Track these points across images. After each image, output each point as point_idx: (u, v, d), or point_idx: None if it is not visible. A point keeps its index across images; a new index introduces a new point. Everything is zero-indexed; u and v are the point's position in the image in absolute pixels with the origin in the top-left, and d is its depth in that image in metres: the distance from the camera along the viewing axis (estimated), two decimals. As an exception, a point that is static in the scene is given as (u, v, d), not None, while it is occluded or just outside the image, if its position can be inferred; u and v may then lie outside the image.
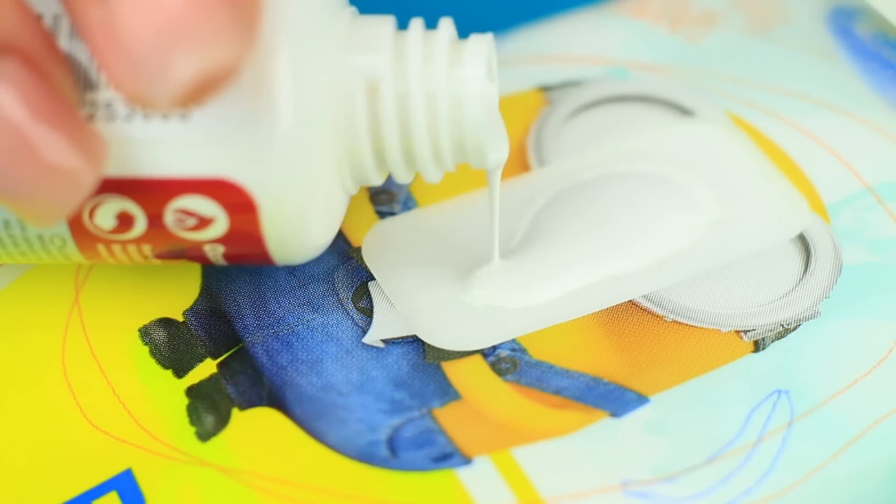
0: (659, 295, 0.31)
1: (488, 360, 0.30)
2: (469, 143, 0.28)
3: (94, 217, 0.28)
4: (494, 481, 0.28)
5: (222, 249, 0.29)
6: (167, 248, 0.29)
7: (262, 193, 0.27)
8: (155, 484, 0.28)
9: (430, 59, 0.28)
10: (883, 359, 0.30)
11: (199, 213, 0.28)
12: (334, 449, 0.29)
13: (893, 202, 0.32)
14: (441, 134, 0.28)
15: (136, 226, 0.28)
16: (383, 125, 0.28)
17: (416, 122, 0.28)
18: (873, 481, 0.28)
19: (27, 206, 0.25)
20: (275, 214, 0.28)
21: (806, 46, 0.36)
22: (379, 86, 0.28)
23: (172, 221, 0.28)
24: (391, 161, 0.28)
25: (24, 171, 0.25)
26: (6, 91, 0.24)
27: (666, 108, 0.35)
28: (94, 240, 0.28)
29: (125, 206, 0.28)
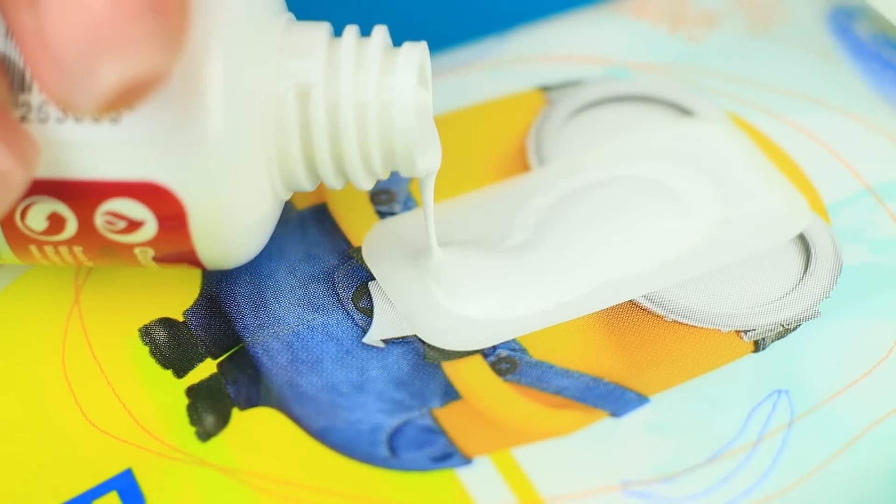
0: (659, 295, 0.31)
1: (488, 360, 0.30)
2: (398, 151, 0.28)
3: (25, 218, 0.28)
4: (494, 481, 0.28)
5: (152, 252, 0.29)
6: (98, 250, 0.29)
7: (190, 197, 0.27)
8: (155, 484, 0.28)
9: (362, 66, 0.28)
10: (883, 359, 0.30)
11: (129, 216, 0.28)
12: (334, 449, 0.29)
13: (893, 202, 0.32)
14: (370, 142, 0.28)
15: (67, 227, 0.28)
16: (313, 132, 0.28)
17: (346, 129, 0.28)
18: (873, 481, 0.28)
19: None
20: (203, 219, 0.28)
21: (806, 46, 0.36)
22: (310, 92, 0.28)
23: (102, 224, 0.28)
24: (321, 168, 0.29)
25: None
26: None
27: (666, 108, 0.35)
28: (27, 241, 0.29)
29: (56, 207, 0.28)
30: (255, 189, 0.28)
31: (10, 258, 0.29)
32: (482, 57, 0.36)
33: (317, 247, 0.32)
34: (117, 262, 0.29)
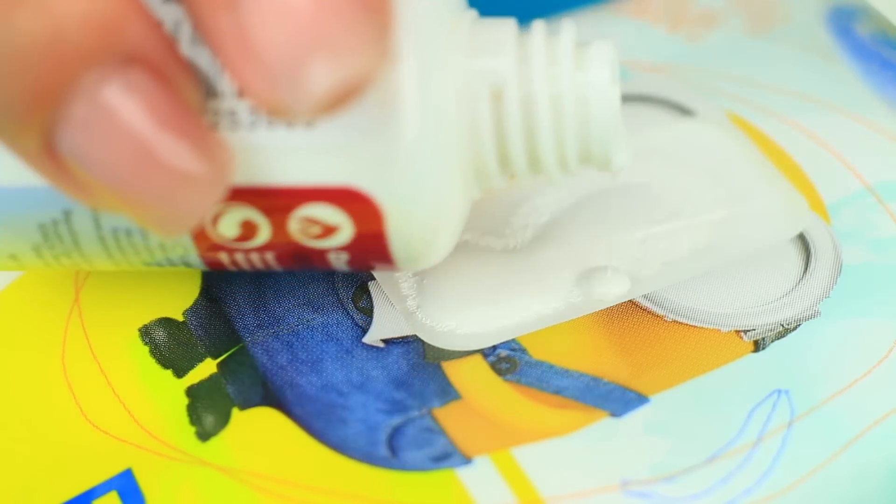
0: (659, 295, 0.31)
1: (488, 360, 0.30)
2: (595, 146, 0.28)
3: (217, 226, 0.27)
4: (494, 481, 0.28)
5: (346, 257, 0.28)
6: (291, 256, 0.28)
7: (388, 201, 0.27)
8: (155, 484, 0.28)
9: (555, 62, 0.27)
10: (883, 359, 0.30)
11: (325, 222, 0.27)
12: (334, 449, 0.29)
13: (893, 202, 0.32)
14: (566, 138, 0.28)
15: (259, 234, 0.27)
16: (508, 129, 0.27)
17: (542, 125, 0.27)
18: (873, 481, 0.28)
19: (153, 217, 0.25)
20: (401, 221, 0.27)
21: (806, 46, 0.36)
22: (503, 90, 0.27)
23: (297, 229, 0.27)
24: (515, 165, 0.28)
25: (152, 181, 0.24)
26: (133, 101, 0.24)
27: (666, 108, 0.35)
28: (217, 248, 0.28)
29: (249, 214, 0.27)
30: (451, 189, 0.27)
31: (197, 263, 0.29)
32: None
33: (317, 247, 0.32)
34: (309, 266, 0.29)
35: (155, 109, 0.24)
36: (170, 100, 0.24)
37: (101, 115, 0.23)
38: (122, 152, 0.24)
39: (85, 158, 0.24)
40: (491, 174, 0.28)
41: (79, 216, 0.27)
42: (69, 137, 0.24)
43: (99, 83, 0.23)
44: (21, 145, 0.24)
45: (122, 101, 0.23)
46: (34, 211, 0.27)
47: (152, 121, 0.24)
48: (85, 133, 0.24)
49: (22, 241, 0.28)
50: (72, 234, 0.28)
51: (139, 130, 0.24)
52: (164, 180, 0.24)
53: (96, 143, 0.24)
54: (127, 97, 0.23)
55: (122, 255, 0.28)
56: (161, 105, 0.24)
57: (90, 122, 0.24)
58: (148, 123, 0.24)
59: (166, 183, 0.24)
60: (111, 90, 0.23)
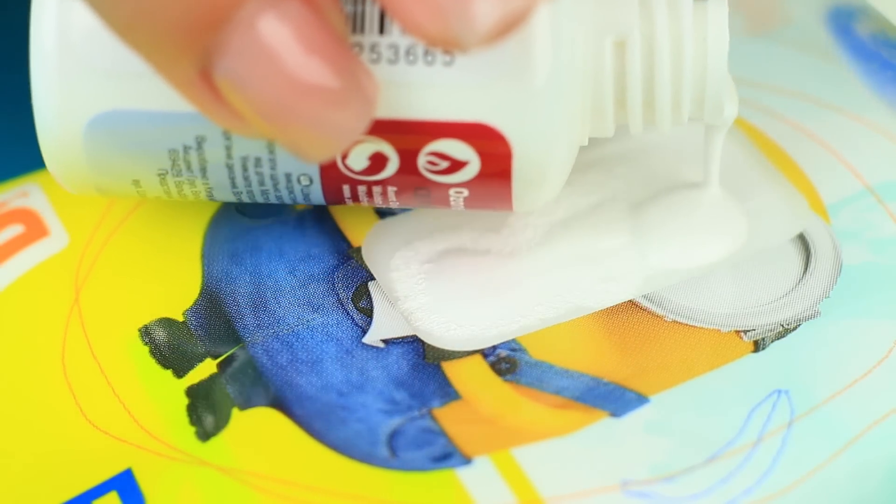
0: (659, 295, 0.31)
1: (488, 360, 0.30)
2: (709, 96, 0.29)
3: (346, 158, 0.29)
4: (494, 481, 0.28)
5: (466, 194, 0.29)
6: (412, 191, 0.29)
7: (517, 139, 0.28)
8: (155, 484, 0.28)
9: (676, 18, 0.29)
10: (883, 359, 0.30)
11: (453, 157, 0.28)
12: (334, 449, 0.29)
13: (893, 202, 0.32)
14: (683, 89, 0.29)
15: (387, 168, 0.29)
16: (629, 79, 0.29)
17: (661, 76, 0.29)
18: (873, 481, 0.28)
19: (302, 143, 0.26)
20: (526, 160, 0.28)
21: (806, 46, 0.36)
22: (626, 40, 0.29)
23: (424, 164, 0.28)
24: (631, 114, 0.29)
25: (304, 105, 0.25)
26: (289, 28, 0.25)
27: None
28: (342, 180, 0.29)
29: (381, 147, 0.28)
30: (572, 133, 0.29)
31: (317, 197, 0.30)
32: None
33: (317, 247, 0.32)
34: (426, 203, 0.30)
35: (308, 38, 0.25)
36: (321, 29, 0.25)
37: (257, 44, 0.25)
38: (277, 79, 0.25)
39: (241, 84, 0.25)
40: (606, 120, 0.30)
41: (211, 143, 0.28)
42: (227, 64, 0.25)
43: (257, 12, 0.24)
44: (176, 70, 0.25)
45: (277, 30, 0.25)
46: (166, 136, 0.28)
47: (306, 48, 0.25)
48: (242, 60, 0.25)
49: (150, 165, 0.29)
50: (201, 161, 0.29)
51: (294, 58, 0.25)
52: (315, 106, 0.25)
53: (253, 69, 0.25)
54: (282, 26, 0.25)
55: (247, 184, 0.29)
56: (314, 34, 0.25)
57: (248, 49, 0.25)
58: (302, 51, 0.25)
59: (318, 108, 0.25)
60: (268, 19, 0.24)
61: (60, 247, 0.33)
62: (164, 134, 0.28)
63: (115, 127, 0.28)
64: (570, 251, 0.32)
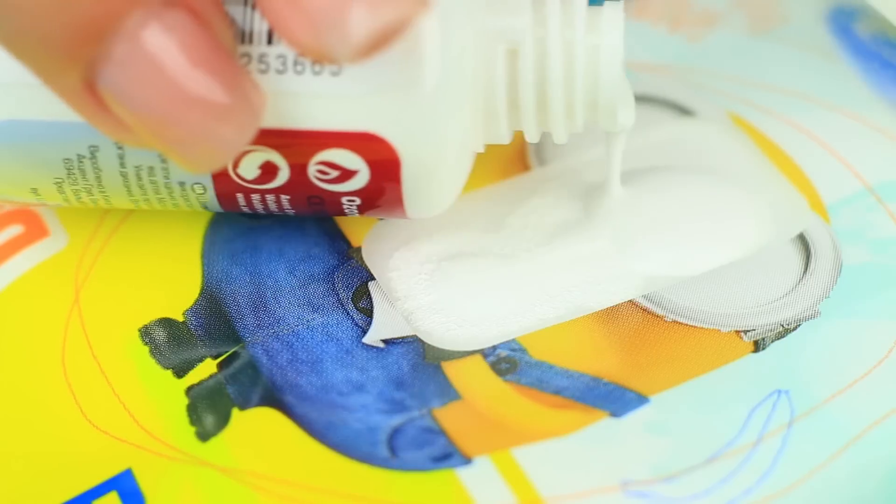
0: (659, 295, 0.31)
1: (488, 360, 0.30)
2: (602, 105, 0.29)
3: (238, 167, 0.29)
4: (494, 481, 0.28)
5: (358, 202, 0.29)
6: (305, 199, 0.29)
7: (404, 147, 0.28)
8: (155, 484, 0.28)
9: (569, 25, 0.29)
10: (883, 359, 0.30)
11: (343, 166, 0.28)
12: (334, 449, 0.29)
13: (893, 202, 0.32)
14: (576, 95, 0.29)
15: (278, 176, 0.29)
16: (521, 87, 0.29)
17: (553, 84, 0.29)
18: (873, 481, 0.28)
19: (188, 154, 0.26)
20: (415, 168, 0.28)
21: (806, 46, 0.36)
22: (518, 48, 0.29)
23: (315, 173, 0.28)
24: (525, 122, 0.29)
25: (189, 117, 0.25)
26: (173, 40, 0.25)
27: (666, 108, 0.35)
28: (235, 188, 0.29)
29: (270, 156, 0.28)
30: (463, 141, 0.29)
31: (212, 204, 0.30)
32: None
33: (317, 247, 0.32)
34: (321, 212, 0.30)
35: (193, 49, 0.25)
36: (207, 40, 0.25)
37: (142, 54, 0.25)
38: (161, 90, 0.25)
39: (125, 95, 0.25)
40: (500, 128, 0.29)
41: (104, 152, 0.28)
42: (110, 75, 0.25)
43: (141, 23, 0.24)
44: (62, 81, 0.25)
45: (161, 41, 0.25)
46: (61, 145, 0.28)
47: (190, 60, 0.25)
48: (126, 71, 0.25)
49: (45, 174, 0.29)
50: (95, 169, 0.29)
51: (178, 69, 0.25)
52: (200, 117, 0.25)
53: (136, 80, 0.25)
54: (167, 37, 0.25)
55: (142, 192, 0.29)
56: (199, 45, 0.25)
57: (131, 60, 0.25)
58: (186, 62, 0.25)
59: (202, 120, 0.25)
60: (152, 29, 0.24)
61: (60, 247, 0.33)
62: (58, 143, 0.28)
63: (10, 137, 0.28)
64: (569, 251, 0.32)
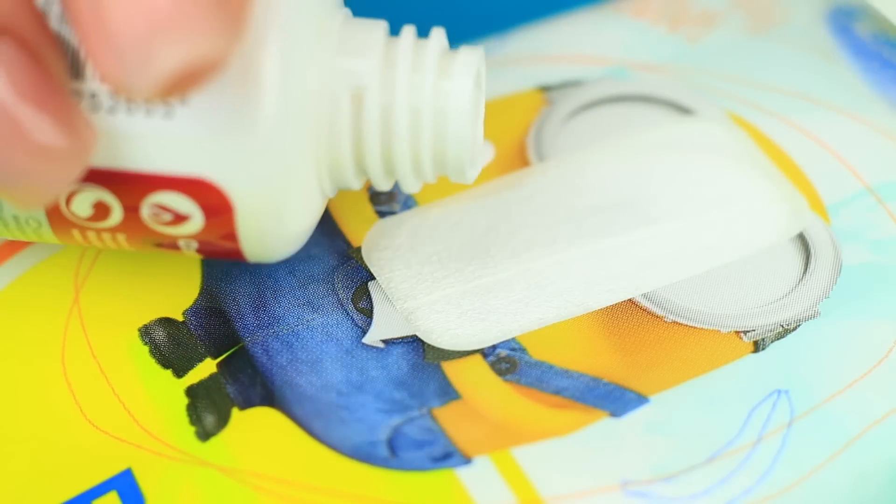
0: (659, 295, 0.31)
1: (488, 360, 0.30)
2: (450, 158, 0.28)
3: (70, 204, 0.28)
4: (494, 481, 0.28)
5: (196, 245, 0.29)
6: (141, 239, 0.29)
7: (238, 195, 0.27)
8: (155, 484, 0.28)
9: (419, 69, 0.28)
10: (883, 359, 0.30)
11: (176, 210, 0.28)
12: (334, 449, 0.29)
13: (893, 202, 0.32)
14: (423, 147, 0.28)
15: (112, 216, 0.28)
16: (365, 133, 0.28)
17: (399, 133, 0.28)
18: (873, 481, 0.28)
19: (12, 190, 0.25)
20: (250, 216, 0.28)
21: (806, 46, 0.36)
22: (364, 92, 0.28)
23: (148, 215, 0.28)
24: (370, 169, 0.28)
25: (13, 152, 0.24)
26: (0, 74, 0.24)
27: (666, 108, 0.35)
28: (70, 225, 0.28)
29: (102, 196, 0.28)
30: (304, 187, 0.28)
31: (51, 238, 0.29)
32: (482, 57, 0.36)
33: (316, 247, 0.32)
34: (160, 250, 0.29)
35: (20, 82, 0.24)
36: (36, 73, 0.24)
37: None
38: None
39: None
40: (347, 175, 0.28)
41: None
42: None
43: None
44: None
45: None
46: None
47: (16, 92, 0.24)
48: None
49: None
50: None
51: (3, 102, 0.24)
52: (24, 153, 0.24)
53: None
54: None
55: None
56: (27, 78, 0.24)
57: None
58: (11, 95, 0.24)
59: (27, 155, 0.24)
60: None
61: (60, 247, 0.33)
62: None
63: None
64: (569, 251, 0.32)
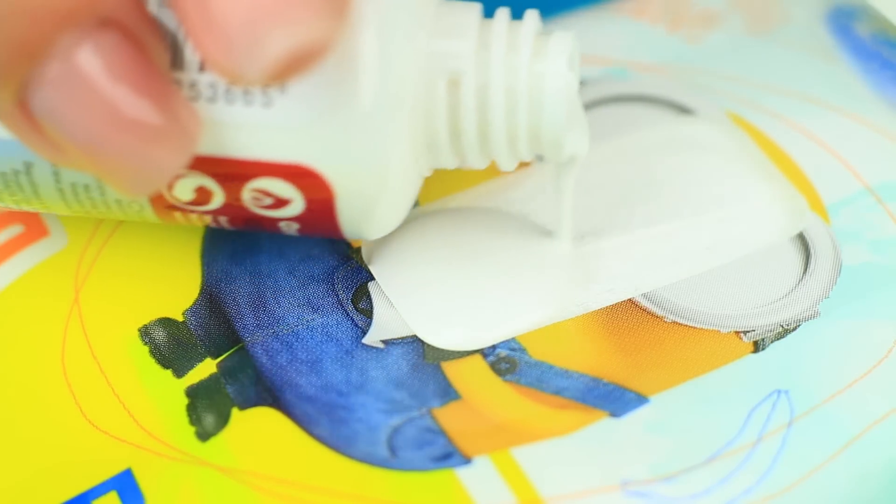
0: (659, 295, 0.31)
1: (488, 360, 0.30)
2: (545, 137, 0.28)
3: (173, 189, 0.28)
4: (494, 481, 0.28)
5: (297, 226, 0.29)
6: (243, 221, 0.29)
7: (338, 179, 0.28)
8: (155, 484, 0.28)
9: (514, 51, 0.28)
10: (883, 359, 0.30)
11: (277, 195, 0.28)
12: (334, 449, 0.29)
13: (893, 202, 0.32)
14: (518, 127, 0.28)
15: (213, 200, 0.28)
16: (462, 115, 0.28)
17: (495, 114, 0.28)
18: (873, 481, 0.28)
19: (120, 177, 0.25)
20: (350, 198, 0.28)
21: (806, 46, 0.36)
22: (461, 74, 0.28)
23: (249, 199, 0.28)
24: (466, 149, 0.29)
25: (121, 140, 0.25)
26: (105, 62, 0.24)
27: (666, 108, 0.35)
28: (172, 208, 0.29)
29: (204, 181, 0.28)
30: (401, 168, 0.28)
31: (152, 218, 0.30)
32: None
33: (317, 247, 0.32)
34: (261, 230, 0.30)
35: (126, 71, 0.24)
36: (140, 62, 0.25)
37: (74, 76, 0.24)
38: (93, 111, 0.24)
39: (57, 116, 0.25)
40: (443, 154, 0.29)
41: (39, 169, 0.28)
42: (43, 95, 0.24)
43: (74, 44, 0.24)
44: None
45: (94, 62, 0.24)
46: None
47: (123, 82, 0.24)
48: (58, 92, 0.24)
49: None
50: (32, 185, 0.29)
51: (110, 90, 0.24)
52: (132, 140, 0.25)
53: (69, 101, 0.24)
54: (99, 59, 0.24)
55: (81, 206, 0.29)
56: (132, 67, 0.25)
57: (64, 81, 0.24)
58: (119, 84, 0.24)
59: (135, 143, 0.25)
60: (85, 51, 0.24)
61: (60, 247, 0.33)
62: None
63: None
64: (569, 251, 0.32)
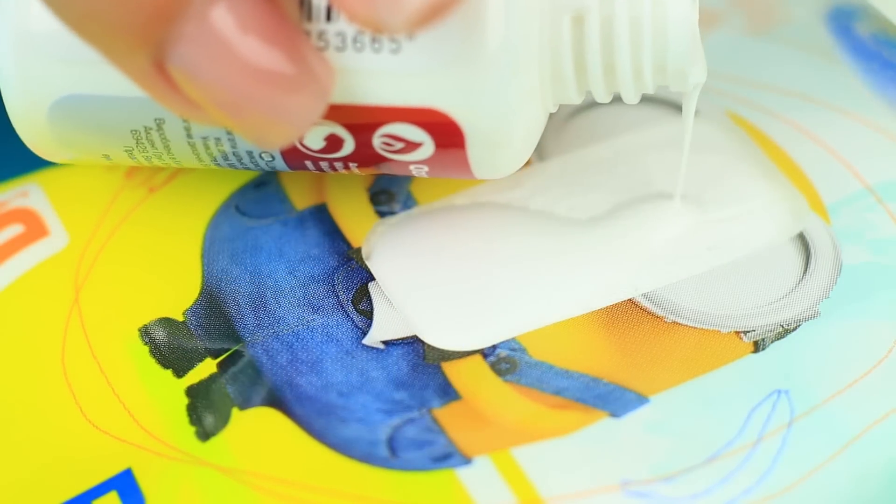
0: (659, 295, 0.31)
1: (488, 361, 0.30)
2: (671, 66, 0.29)
3: (303, 139, 0.29)
4: (494, 481, 0.28)
5: (426, 169, 0.30)
6: (373, 166, 0.30)
7: (467, 120, 0.28)
8: (155, 483, 0.28)
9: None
10: (883, 359, 0.30)
11: (407, 139, 0.29)
12: (334, 449, 0.29)
13: (893, 202, 0.32)
14: (643, 58, 0.29)
15: (344, 147, 0.29)
16: (587, 48, 0.29)
17: (620, 46, 0.29)
18: (873, 481, 0.28)
19: (260, 129, 0.26)
20: (479, 138, 0.28)
21: (806, 46, 0.36)
22: (585, 9, 0.28)
23: (380, 145, 0.29)
24: (592, 83, 0.29)
25: (258, 93, 0.25)
26: (240, 17, 0.25)
27: (666, 108, 0.35)
28: (303, 157, 0.30)
29: (334, 129, 0.29)
30: (529, 106, 0.29)
31: (283, 168, 0.30)
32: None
33: (317, 247, 0.32)
34: (390, 173, 0.30)
35: (261, 25, 0.25)
36: (274, 16, 0.25)
37: (210, 34, 0.25)
38: (230, 67, 0.25)
39: (195, 74, 0.25)
40: (568, 90, 0.29)
41: (171, 124, 0.29)
42: (180, 54, 0.25)
43: (208, 3, 0.25)
44: (131, 62, 0.25)
45: (229, 19, 0.25)
46: (127, 118, 0.29)
47: (258, 36, 0.25)
48: (195, 49, 0.25)
49: (115, 143, 0.30)
50: (163, 140, 0.29)
51: (246, 45, 0.25)
52: (270, 93, 0.25)
53: (206, 59, 0.25)
54: (234, 15, 0.25)
55: (211, 158, 0.30)
56: (266, 21, 0.25)
57: (200, 39, 0.25)
58: (254, 38, 0.25)
59: (272, 95, 0.25)
60: (219, 8, 0.25)
61: (60, 247, 0.33)
62: (124, 116, 0.29)
63: (76, 110, 0.29)
64: (569, 251, 0.32)
